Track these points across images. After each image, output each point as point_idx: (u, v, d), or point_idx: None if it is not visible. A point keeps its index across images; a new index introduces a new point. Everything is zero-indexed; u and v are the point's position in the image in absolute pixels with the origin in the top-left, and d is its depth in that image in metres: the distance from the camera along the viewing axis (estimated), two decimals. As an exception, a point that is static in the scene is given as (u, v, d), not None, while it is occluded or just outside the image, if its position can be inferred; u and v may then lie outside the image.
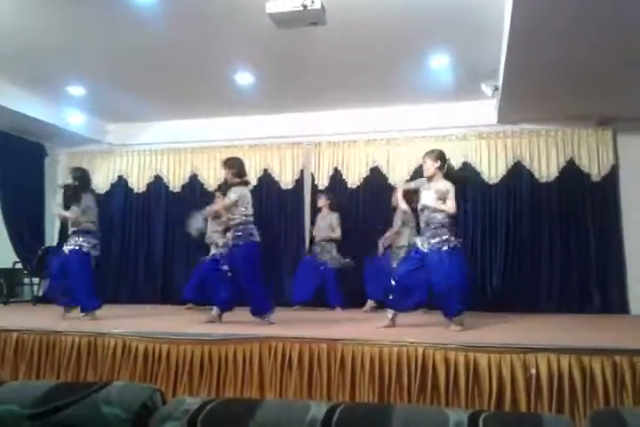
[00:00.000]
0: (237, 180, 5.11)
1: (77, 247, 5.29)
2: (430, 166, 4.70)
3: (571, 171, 6.90)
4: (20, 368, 4.03)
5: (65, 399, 1.29)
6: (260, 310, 4.90)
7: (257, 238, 5.00)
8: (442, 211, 4.55)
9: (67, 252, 5.32)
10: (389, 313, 4.62)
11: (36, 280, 7.64)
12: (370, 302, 6.45)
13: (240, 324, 4.81)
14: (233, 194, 5.00)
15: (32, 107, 7.07)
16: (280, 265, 7.51)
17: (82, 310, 5.26)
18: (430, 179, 4.72)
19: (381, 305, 5.70)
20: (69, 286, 5.27)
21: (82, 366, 3.92)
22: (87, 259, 5.39)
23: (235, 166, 5.13)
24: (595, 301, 6.50)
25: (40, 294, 7.42)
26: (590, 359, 3.12)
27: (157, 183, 8.28)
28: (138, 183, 8.33)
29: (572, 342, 3.39)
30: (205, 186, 7.97)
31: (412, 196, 4.93)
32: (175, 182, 8.19)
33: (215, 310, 4.99)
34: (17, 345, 4.10)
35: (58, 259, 5.43)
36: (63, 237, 6.66)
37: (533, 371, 3.13)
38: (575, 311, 6.22)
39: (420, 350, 3.38)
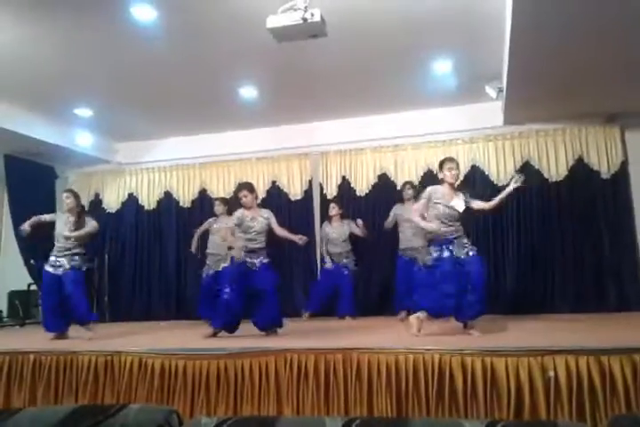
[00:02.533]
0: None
1: (73, 266, 5.42)
2: (457, 174, 4.77)
3: (580, 169, 6.86)
4: (38, 390, 4.04)
5: (82, 425, 1.30)
6: (272, 324, 5.05)
7: None
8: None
9: (61, 272, 5.39)
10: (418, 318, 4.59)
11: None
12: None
13: (253, 337, 4.83)
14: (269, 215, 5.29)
15: (41, 130, 7.15)
16: (290, 277, 7.51)
17: (82, 324, 5.43)
18: (452, 185, 4.76)
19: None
20: (70, 305, 5.36)
21: (99, 386, 3.93)
22: (83, 275, 5.62)
23: (254, 191, 5.36)
24: (610, 299, 6.43)
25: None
26: (609, 359, 3.08)
27: (167, 200, 8.33)
28: (148, 200, 8.39)
29: (590, 343, 3.36)
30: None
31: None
32: (185, 198, 8.24)
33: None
34: (34, 367, 4.12)
35: (48, 280, 5.43)
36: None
37: (552, 374, 3.09)
38: (591, 311, 6.14)
39: (437, 357, 3.36)
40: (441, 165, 4.84)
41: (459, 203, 4.64)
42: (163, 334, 5.79)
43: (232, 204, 6.23)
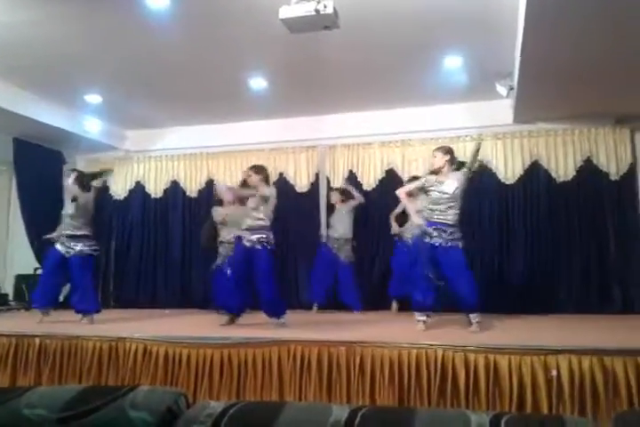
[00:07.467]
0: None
1: (83, 250, 5.43)
2: (440, 159, 4.72)
3: (588, 170, 6.82)
4: (43, 373, 4.08)
5: (93, 404, 1.32)
6: (276, 311, 5.00)
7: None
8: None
9: (71, 254, 5.40)
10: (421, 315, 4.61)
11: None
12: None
13: (258, 327, 4.85)
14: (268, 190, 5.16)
15: (50, 115, 7.16)
16: (296, 268, 7.53)
17: (85, 314, 5.42)
18: (438, 172, 4.73)
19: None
20: (75, 291, 5.46)
21: (103, 371, 3.96)
22: (91, 261, 5.60)
23: (263, 172, 5.29)
24: (615, 300, 6.42)
25: (61, 299, 7.49)
26: (612, 360, 3.09)
27: (174, 188, 8.33)
28: (155, 189, 8.40)
29: (594, 343, 3.37)
30: (221, 190, 8.00)
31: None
32: (192, 187, 8.25)
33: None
34: (40, 350, 4.16)
35: (55, 258, 5.46)
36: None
37: (554, 372, 3.11)
38: (595, 312, 6.14)
39: (440, 353, 3.38)
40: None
41: (449, 185, 4.64)
42: (167, 322, 5.83)
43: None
